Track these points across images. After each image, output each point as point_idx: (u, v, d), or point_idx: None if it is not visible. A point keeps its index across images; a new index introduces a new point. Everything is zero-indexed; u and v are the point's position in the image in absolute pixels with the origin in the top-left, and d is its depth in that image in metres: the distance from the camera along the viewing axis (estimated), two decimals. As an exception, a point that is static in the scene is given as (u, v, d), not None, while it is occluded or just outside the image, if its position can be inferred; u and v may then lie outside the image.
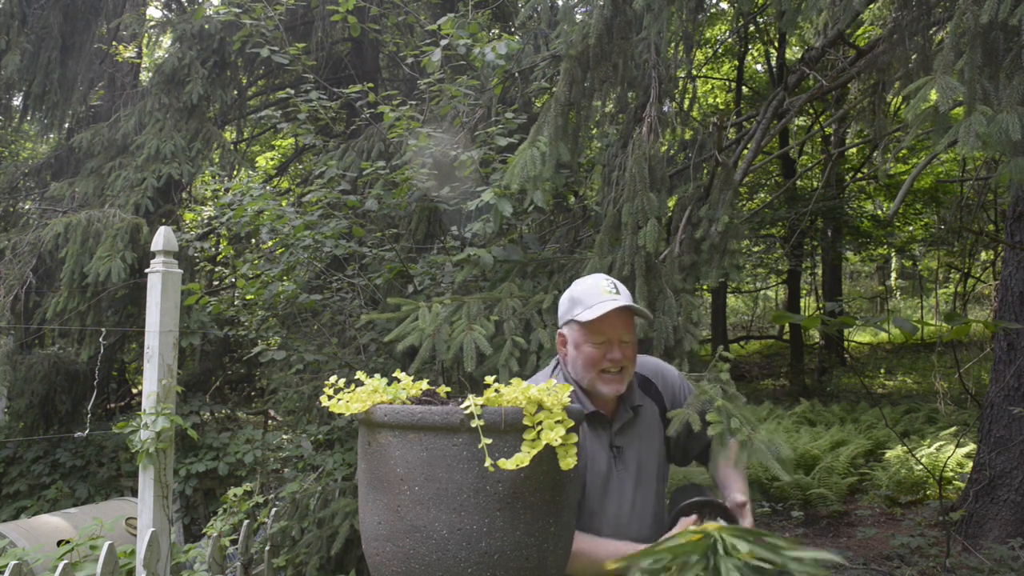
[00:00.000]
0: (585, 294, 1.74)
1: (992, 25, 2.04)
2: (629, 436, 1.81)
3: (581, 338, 1.74)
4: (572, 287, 1.81)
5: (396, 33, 7.64)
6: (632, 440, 1.81)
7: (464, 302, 2.73)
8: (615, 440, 1.79)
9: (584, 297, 1.74)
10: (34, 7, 6.12)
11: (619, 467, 1.79)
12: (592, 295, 1.73)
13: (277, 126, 4.50)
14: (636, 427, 1.82)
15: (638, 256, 2.65)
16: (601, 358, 1.72)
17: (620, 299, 1.71)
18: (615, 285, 1.76)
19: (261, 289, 3.97)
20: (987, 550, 4.29)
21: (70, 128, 7.22)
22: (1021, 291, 4.56)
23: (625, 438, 1.81)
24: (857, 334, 15.99)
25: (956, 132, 1.93)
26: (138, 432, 3.10)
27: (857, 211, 12.35)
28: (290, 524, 3.32)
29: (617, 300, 1.70)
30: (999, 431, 4.54)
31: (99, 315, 5.48)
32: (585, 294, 1.74)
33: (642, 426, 1.83)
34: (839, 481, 5.94)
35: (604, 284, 1.75)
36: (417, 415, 1.30)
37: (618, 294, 1.73)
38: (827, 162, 8.89)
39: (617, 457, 1.79)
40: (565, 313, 1.79)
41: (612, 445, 1.79)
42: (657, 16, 2.90)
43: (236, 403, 7.57)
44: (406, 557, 1.30)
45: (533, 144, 2.82)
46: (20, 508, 5.58)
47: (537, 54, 4.24)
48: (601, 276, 1.80)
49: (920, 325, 2.18)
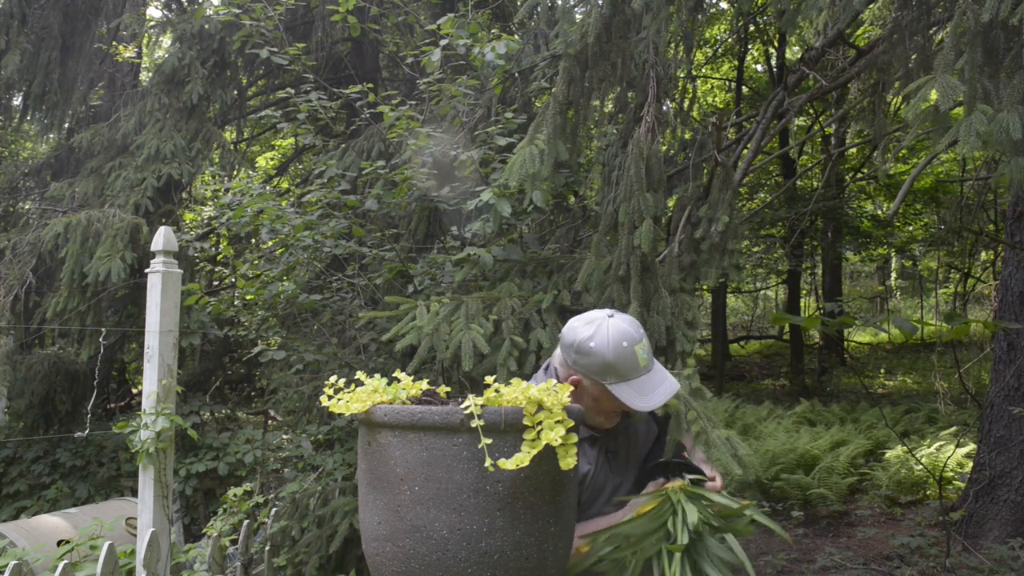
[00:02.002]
0: (623, 365, 1.61)
1: (992, 24, 2.04)
2: (620, 440, 1.85)
3: (604, 398, 1.66)
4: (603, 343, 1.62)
5: (396, 33, 7.65)
6: (623, 443, 1.85)
7: (463, 301, 2.73)
8: (609, 446, 1.83)
9: (622, 368, 1.61)
10: (34, 7, 6.12)
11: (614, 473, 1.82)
12: (630, 368, 1.62)
13: (277, 126, 4.50)
14: (627, 430, 1.86)
15: (633, 256, 2.65)
16: (618, 411, 1.72)
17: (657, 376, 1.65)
18: (647, 350, 1.66)
19: (261, 289, 3.97)
20: (987, 550, 4.29)
21: (70, 128, 7.21)
22: (1021, 291, 4.56)
23: (617, 442, 1.84)
24: (857, 334, 15.99)
25: (956, 132, 1.93)
26: (138, 432, 3.10)
27: (857, 211, 12.34)
28: (290, 524, 3.32)
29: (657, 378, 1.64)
30: (999, 431, 4.54)
31: (99, 315, 5.47)
32: (623, 365, 1.61)
33: (633, 428, 1.87)
34: (839, 481, 5.93)
35: (642, 354, 1.63)
36: (417, 415, 1.30)
37: (651, 361, 1.66)
38: (827, 162, 8.88)
39: (612, 462, 1.83)
40: (593, 371, 1.64)
41: (607, 451, 1.82)
42: (656, 15, 2.89)
43: (236, 403, 7.57)
44: (406, 557, 1.30)
45: (531, 142, 2.83)
46: (20, 508, 5.58)
47: (537, 54, 4.24)
48: (635, 336, 1.64)
49: (920, 325, 2.19)
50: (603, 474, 1.79)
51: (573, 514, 1.47)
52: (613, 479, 1.81)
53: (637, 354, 1.62)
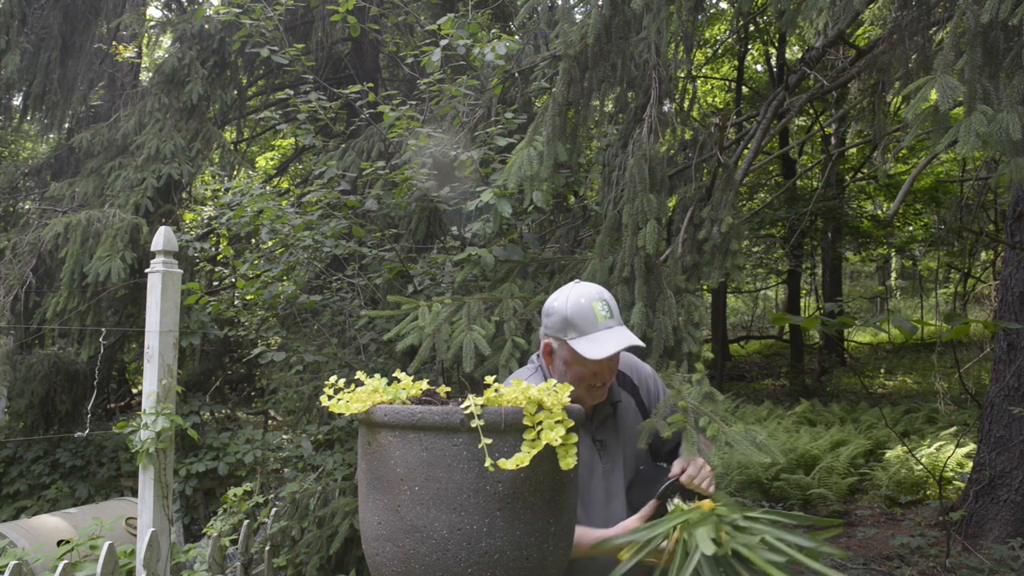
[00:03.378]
0: (580, 318, 1.67)
1: (992, 25, 2.04)
2: (610, 430, 1.85)
3: (572, 359, 1.71)
4: (563, 300, 1.71)
5: (396, 33, 7.65)
6: (613, 433, 1.85)
7: (465, 302, 2.73)
8: (597, 434, 1.83)
9: (579, 322, 1.67)
10: (34, 7, 6.12)
11: (604, 460, 1.82)
12: (588, 321, 1.67)
13: (277, 126, 4.50)
14: (616, 420, 1.86)
15: (638, 257, 2.65)
16: (589, 376, 1.72)
17: (619, 332, 1.67)
18: (608, 307, 1.70)
19: (261, 289, 3.97)
20: (987, 550, 4.29)
21: (70, 128, 7.22)
22: (1021, 291, 4.56)
23: (606, 431, 1.84)
24: (857, 334, 16.00)
25: (956, 132, 1.93)
26: (138, 432, 3.10)
27: (857, 211, 12.35)
28: (290, 524, 3.32)
29: (618, 334, 1.66)
30: (999, 431, 4.54)
31: (99, 315, 5.48)
32: (580, 318, 1.67)
33: (622, 419, 1.87)
34: (839, 481, 5.94)
35: (599, 308, 1.68)
36: (417, 415, 1.30)
37: (612, 318, 1.69)
38: (827, 162, 8.89)
39: (601, 450, 1.83)
40: (556, 329, 1.72)
41: (594, 439, 1.83)
42: (656, 16, 2.90)
43: (236, 403, 7.58)
44: (406, 557, 1.30)
45: (530, 143, 2.83)
46: (20, 508, 5.58)
47: (537, 54, 4.24)
48: (594, 294, 1.71)
49: (920, 325, 2.19)
50: (591, 456, 1.80)
51: (573, 514, 1.47)
52: (604, 464, 1.82)
53: (594, 308, 1.68)
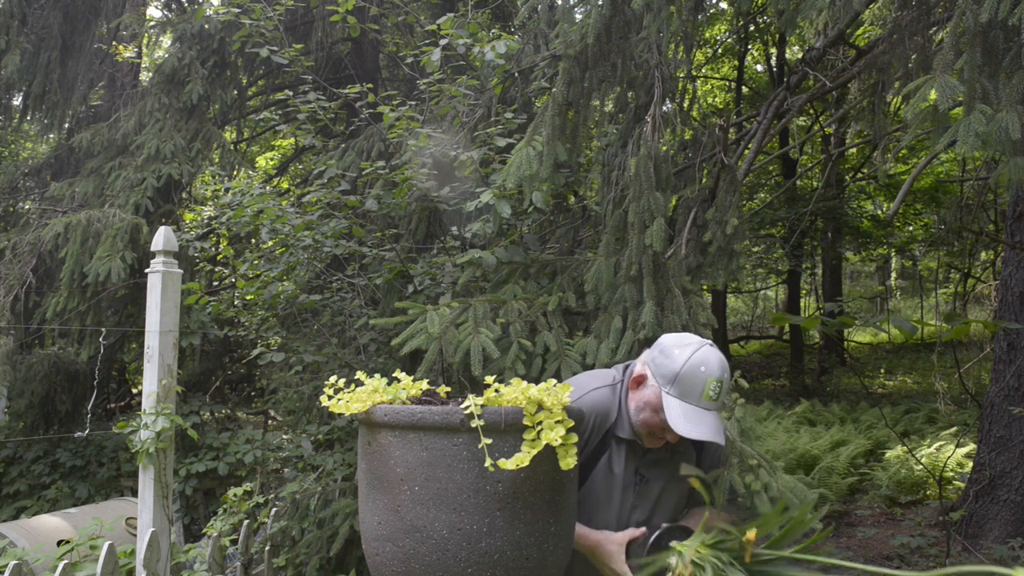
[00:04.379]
0: (689, 383, 1.62)
1: (992, 24, 2.04)
2: (657, 471, 1.79)
3: (656, 408, 1.67)
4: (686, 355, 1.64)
5: (396, 33, 7.66)
6: (660, 476, 1.79)
7: (470, 304, 2.72)
8: (641, 468, 1.78)
9: (687, 385, 1.62)
10: (34, 7, 6.12)
11: (638, 495, 1.77)
12: (694, 390, 1.61)
13: (277, 127, 4.50)
14: (668, 466, 1.80)
15: (645, 255, 2.65)
16: (659, 431, 1.70)
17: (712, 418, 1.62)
18: (720, 390, 1.64)
19: (261, 289, 3.97)
20: (987, 550, 4.29)
21: (70, 128, 7.21)
22: (1021, 291, 4.56)
23: (652, 471, 1.79)
24: (857, 334, 16.00)
25: (956, 132, 1.93)
26: (138, 432, 3.10)
27: (857, 211, 12.35)
28: (290, 524, 3.31)
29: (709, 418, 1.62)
30: (999, 431, 4.54)
31: (99, 315, 5.47)
32: (689, 383, 1.62)
33: (674, 467, 1.79)
34: (839, 481, 5.94)
35: (712, 387, 1.62)
36: (417, 415, 1.30)
37: (715, 401, 1.63)
38: (827, 162, 8.89)
39: (639, 484, 1.77)
40: (661, 373, 1.66)
41: (637, 471, 1.77)
42: (656, 16, 2.89)
43: (236, 403, 7.58)
44: (406, 557, 1.30)
45: (529, 143, 2.82)
46: (20, 508, 5.58)
47: (537, 54, 4.24)
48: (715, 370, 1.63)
49: (920, 325, 2.18)
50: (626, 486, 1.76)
51: (573, 514, 1.47)
52: (635, 499, 1.77)
53: (707, 383, 1.61)
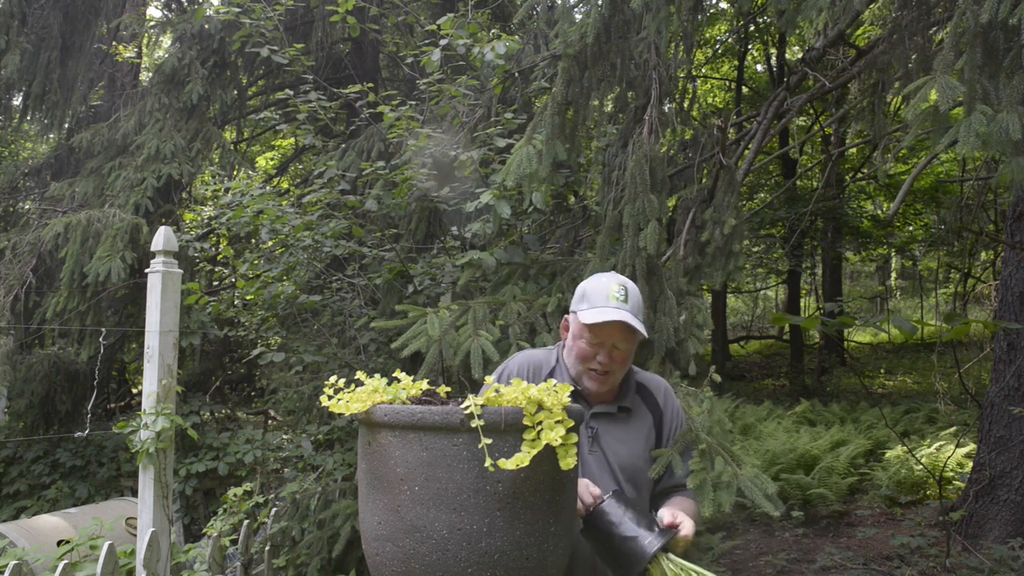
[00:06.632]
0: (594, 292, 1.77)
1: (992, 25, 2.04)
2: (610, 426, 1.83)
3: (578, 332, 1.80)
4: (588, 280, 1.84)
5: (396, 33, 7.65)
6: (613, 432, 1.83)
7: (470, 306, 2.73)
8: (590, 420, 1.82)
9: (592, 295, 1.77)
10: (34, 7, 6.12)
11: (594, 450, 1.80)
12: (600, 296, 1.75)
13: (277, 126, 4.50)
14: (621, 424, 1.84)
15: (639, 258, 2.65)
16: (591, 357, 1.77)
17: (622, 311, 1.72)
18: (625, 291, 1.77)
19: (261, 289, 3.97)
20: (987, 550, 4.29)
21: (70, 128, 7.22)
22: (1021, 291, 4.56)
23: (603, 425, 1.83)
24: (857, 334, 15.99)
25: (956, 132, 1.93)
26: (138, 432, 3.10)
27: (857, 211, 12.34)
28: (290, 524, 3.32)
29: (619, 312, 1.72)
30: (999, 431, 4.54)
31: (99, 315, 5.47)
32: (594, 292, 1.77)
33: (629, 428, 1.85)
34: (839, 481, 5.93)
35: (615, 289, 1.76)
36: (417, 415, 1.30)
37: (625, 302, 1.75)
38: (827, 162, 8.89)
39: (593, 439, 1.81)
40: (574, 303, 1.83)
41: (587, 424, 1.82)
42: (656, 15, 2.89)
43: (236, 403, 7.58)
44: (406, 557, 1.30)
45: (529, 142, 2.82)
46: (20, 508, 5.58)
47: (537, 54, 4.24)
48: (615, 278, 1.80)
49: (920, 325, 2.19)
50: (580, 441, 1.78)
51: (573, 514, 1.47)
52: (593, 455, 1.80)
53: (611, 287, 1.77)
